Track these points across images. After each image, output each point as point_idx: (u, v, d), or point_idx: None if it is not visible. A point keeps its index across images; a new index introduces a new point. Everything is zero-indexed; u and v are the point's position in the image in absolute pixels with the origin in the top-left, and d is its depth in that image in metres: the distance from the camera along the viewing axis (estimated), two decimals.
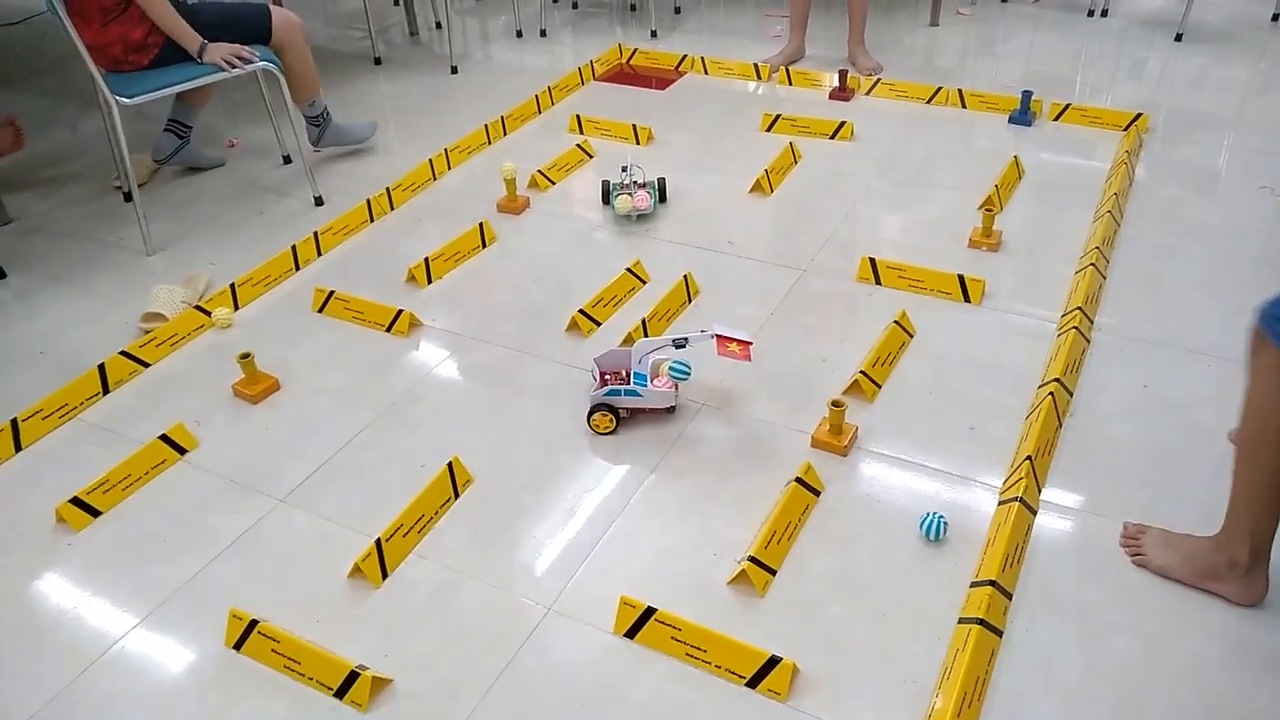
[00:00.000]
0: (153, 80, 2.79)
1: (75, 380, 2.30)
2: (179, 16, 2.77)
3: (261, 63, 2.89)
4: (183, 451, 2.12)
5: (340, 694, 1.59)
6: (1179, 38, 4.14)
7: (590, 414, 2.11)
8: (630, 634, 1.67)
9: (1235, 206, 2.91)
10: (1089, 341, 2.33)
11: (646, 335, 2.37)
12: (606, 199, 3.00)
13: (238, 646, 1.68)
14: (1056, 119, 3.46)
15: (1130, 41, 4.21)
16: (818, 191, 3.09)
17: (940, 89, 3.66)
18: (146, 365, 2.41)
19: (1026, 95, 3.43)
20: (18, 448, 2.16)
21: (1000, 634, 1.64)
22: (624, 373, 2.13)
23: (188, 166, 3.36)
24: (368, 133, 3.46)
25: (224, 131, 3.62)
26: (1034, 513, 1.87)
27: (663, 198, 3.01)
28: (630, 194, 2.90)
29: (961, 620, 1.65)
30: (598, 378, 2.13)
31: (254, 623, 1.67)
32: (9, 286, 2.78)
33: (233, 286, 2.65)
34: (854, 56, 3.99)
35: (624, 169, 2.98)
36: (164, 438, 2.11)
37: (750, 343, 2.04)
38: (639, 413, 2.15)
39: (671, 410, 2.16)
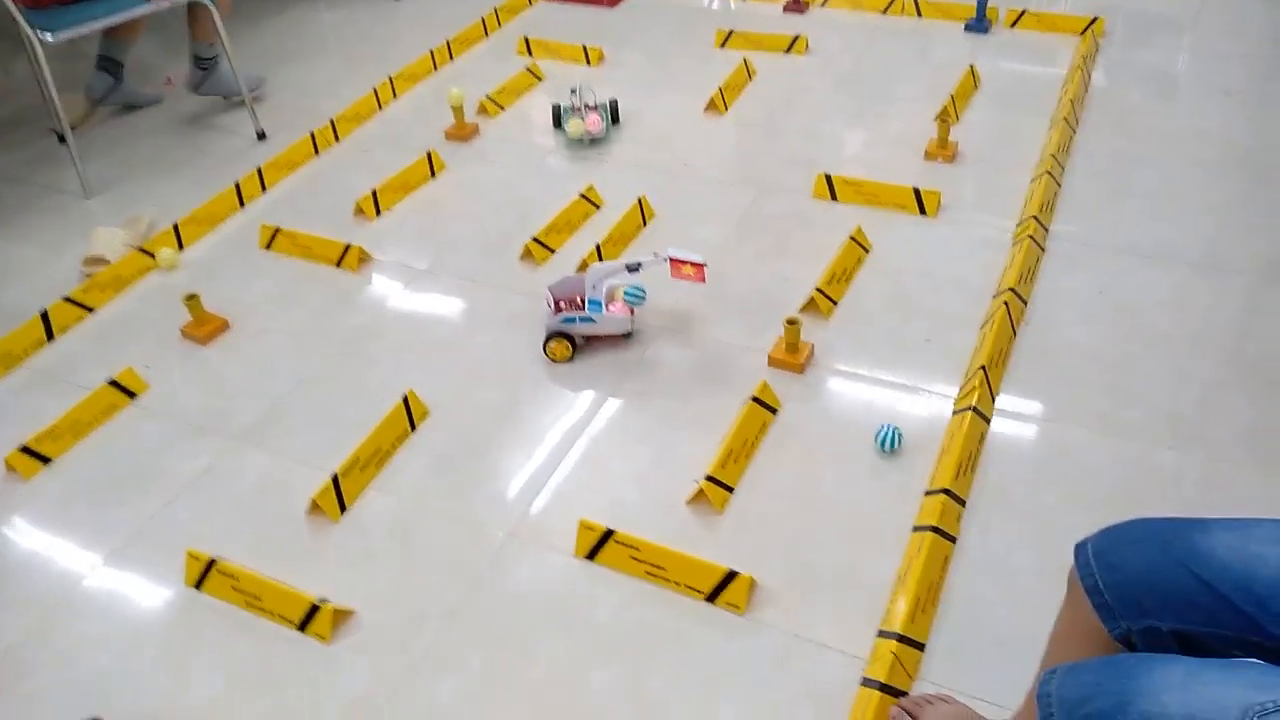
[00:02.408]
0: (76, 15, 2.66)
1: (18, 328, 2.24)
2: None
3: None
4: (133, 395, 2.08)
5: (303, 627, 1.59)
6: None
7: (546, 342, 2.09)
8: (591, 556, 1.67)
9: (1194, 110, 2.89)
10: (1044, 250, 2.33)
11: (601, 261, 2.34)
12: (558, 123, 2.93)
13: (198, 586, 1.67)
14: (1013, 25, 3.41)
15: None
16: (773, 108, 3.04)
17: None
18: (91, 310, 2.35)
19: (982, 2, 3.37)
20: None
21: (954, 540, 1.66)
22: (579, 299, 2.11)
23: (124, 105, 3.25)
24: (255, 86, 3.23)
25: (160, 67, 3.49)
26: (988, 421, 1.89)
27: (615, 119, 2.95)
28: (581, 117, 2.84)
29: (916, 529, 1.67)
30: (552, 305, 2.10)
31: (212, 562, 1.67)
32: None
33: (176, 226, 2.58)
34: None
35: (573, 91, 2.91)
36: (113, 382, 2.07)
37: (703, 264, 2.01)
38: (596, 339, 2.13)
39: (628, 335, 2.14)
